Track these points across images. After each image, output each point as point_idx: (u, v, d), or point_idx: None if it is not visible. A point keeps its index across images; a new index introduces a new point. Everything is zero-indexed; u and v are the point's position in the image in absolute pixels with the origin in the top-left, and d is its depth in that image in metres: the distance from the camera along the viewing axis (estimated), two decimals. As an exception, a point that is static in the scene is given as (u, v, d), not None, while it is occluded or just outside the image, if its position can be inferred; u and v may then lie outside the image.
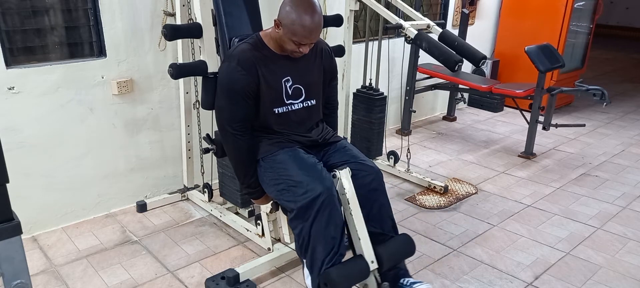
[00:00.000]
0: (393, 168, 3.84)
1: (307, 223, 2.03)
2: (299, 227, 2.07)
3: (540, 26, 5.22)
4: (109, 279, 2.56)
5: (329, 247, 2.04)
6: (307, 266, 2.12)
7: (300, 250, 2.13)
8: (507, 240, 2.99)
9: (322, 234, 2.03)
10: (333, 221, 2.04)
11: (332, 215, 2.03)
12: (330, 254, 2.04)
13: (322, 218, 2.02)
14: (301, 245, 2.10)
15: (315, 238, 2.04)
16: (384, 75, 4.02)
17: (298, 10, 1.99)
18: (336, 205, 2.06)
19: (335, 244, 2.05)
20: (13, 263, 1.08)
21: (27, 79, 2.70)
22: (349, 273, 2.06)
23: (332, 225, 2.04)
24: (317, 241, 2.04)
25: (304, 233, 2.05)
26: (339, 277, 2.01)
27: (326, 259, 2.03)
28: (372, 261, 2.10)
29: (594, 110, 5.80)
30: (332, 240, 2.05)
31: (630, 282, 2.61)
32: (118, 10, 2.91)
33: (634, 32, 11.49)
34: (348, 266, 2.08)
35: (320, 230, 2.02)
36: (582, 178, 3.92)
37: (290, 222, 2.14)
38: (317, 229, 2.02)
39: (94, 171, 3.08)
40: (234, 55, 2.12)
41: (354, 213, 2.11)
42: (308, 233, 2.04)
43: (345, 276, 2.03)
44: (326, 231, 2.03)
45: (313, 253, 2.06)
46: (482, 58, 2.96)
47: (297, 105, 2.22)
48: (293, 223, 2.10)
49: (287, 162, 2.14)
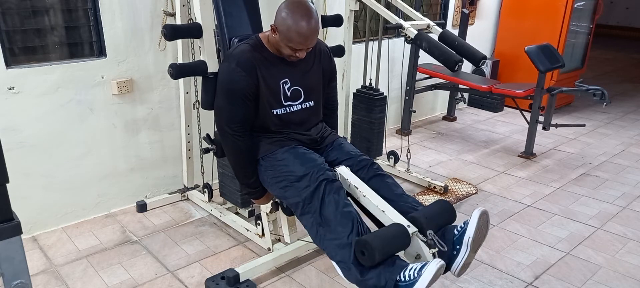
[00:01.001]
0: (393, 168, 3.83)
1: (316, 213, 1.95)
2: (311, 220, 1.97)
3: (540, 26, 5.22)
4: (109, 279, 2.56)
5: (349, 222, 1.87)
6: (331, 256, 1.93)
7: (321, 242, 1.95)
8: (507, 240, 2.99)
9: (334, 216, 1.90)
10: (342, 202, 1.93)
11: (339, 198, 1.94)
12: (353, 228, 1.85)
13: (330, 202, 1.93)
14: (321, 237, 1.94)
15: (330, 222, 1.90)
16: (384, 75, 4.02)
17: (294, 17, 1.99)
18: (341, 190, 1.98)
19: (353, 218, 1.88)
20: (13, 263, 1.08)
21: (27, 79, 2.70)
22: (386, 238, 1.78)
23: (343, 204, 1.92)
24: (334, 223, 1.89)
25: (317, 222, 1.95)
26: (376, 241, 1.74)
27: (351, 234, 1.84)
28: (408, 225, 1.86)
29: (594, 110, 5.80)
30: (349, 215, 1.89)
31: (630, 282, 2.61)
32: (118, 10, 2.91)
33: (634, 32, 11.48)
34: (383, 232, 1.82)
35: (331, 212, 1.91)
36: (582, 178, 3.92)
37: (301, 219, 2.05)
38: (329, 212, 1.92)
39: (94, 171, 3.08)
40: (233, 56, 2.12)
41: (367, 193, 2.00)
42: (320, 220, 1.93)
43: (383, 241, 1.76)
44: (337, 211, 1.90)
45: (335, 237, 1.87)
46: (482, 58, 2.96)
47: (296, 107, 2.22)
48: (304, 219, 2.02)
49: (287, 159, 2.14)
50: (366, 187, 2.06)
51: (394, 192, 2.10)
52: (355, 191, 2.06)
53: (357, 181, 2.08)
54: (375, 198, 2.02)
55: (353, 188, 2.07)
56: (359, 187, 2.05)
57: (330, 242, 1.90)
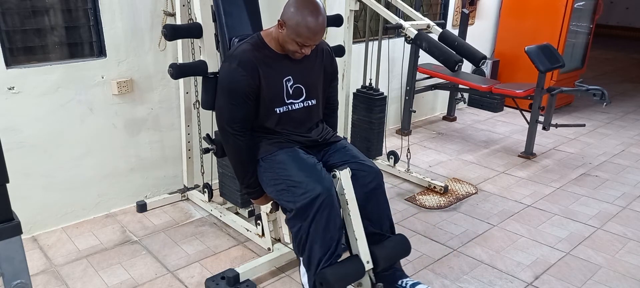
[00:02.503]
0: (393, 168, 3.84)
1: (305, 223, 2.04)
2: (297, 226, 2.07)
3: (540, 26, 5.22)
4: (109, 279, 2.56)
5: (326, 247, 2.06)
6: (304, 264, 2.13)
7: (297, 248, 2.14)
8: (507, 240, 2.99)
9: (320, 234, 2.04)
10: (332, 221, 2.05)
11: (331, 215, 2.04)
12: (328, 254, 2.06)
13: (321, 219, 2.02)
14: (299, 244, 2.10)
15: (313, 238, 2.04)
16: (384, 75, 4.02)
17: (303, 12, 1.99)
18: (335, 205, 2.06)
19: (332, 244, 2.07)
20: (13, 263, 1.08)
21: (27, 79, 2.70)
22: (345, 273, 2.08)
23: (331, 226, 2.05)
24: (315, 241, 2.04)
25: (302, 232, 2.06)
26: (334, 276, 2.02)
27: (323, 259, 2.05)
28: (367, 261, 2.12)
29: (594, 110, 5.80)
30: (330, 240, 2.06)
31: (630, 282, 2.61)
32: (118, 10, 2.91)
33: (634, 32, 11.49)
34: (344, 266, 2.10)
35: (318, 230, 2.03)
36: (582, 178, 3.92)
37: (288, 222, 2.14)
38: (316, 229, 2.03)
39: (94, 171, 3.08)
40: (234, 56, 2.12)
41: (353, 214, 2.12)
42: (306, 232, 2.05)
43: (340, 276, 2.05)
44: (324, 232, 2.04)
45: (310, 252, 2.07)
46: (482, 58, 2.96)
47: (298, 105, 2.22)
48: (291, 222, 2.11)
49: (286, 162, 2.14)
50: (354, 207, 2.13)
51: (379, 212, 2.24)
52: (345, 204, 2.12)
53: (351, 196, 2.13)
54: (357, 224, 2.14)
55: (344, 200, 2.12)
56: (349, 203, 2.12)
57: (306, 255, 2.09)
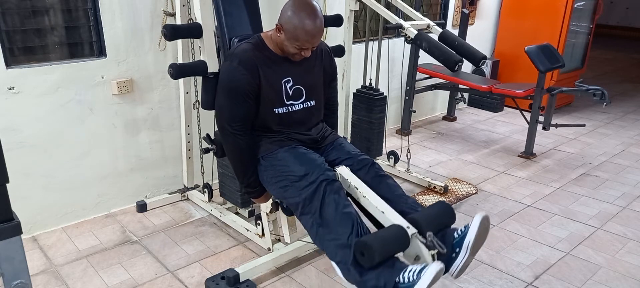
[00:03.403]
0: (393, 168, 3.83)
1: (316, 213, 1.95)
2: (310, 221, 1.97)
3: (540, 26, 5.22)
4: (109, 279, 2.56)
5: (349, 223, 1.87)
6: (330, 256, 1.94)
7: (321, 242, 1.95)
8: (507, 240, 2.99)
9: (334, 216, 1.90)
10: (342, 203, 1.93)
11: (339, 199, 1.94)
12: (353, 229, 1.85)
13: (330, 202, 1.92)
14: (320, 237, 1.94)
15: (330, 223, 1.90)
16: (384, 75, 4.02)
17: (300, 15, 1.99)
18: (341, 190, 1.98)
19: (353, 220, 1.88)
20: (13, 263, 1.08)
21: (27, 79, 2.70)
22: (386, 238, 1.78)
23: (343, 205, 1.92)
24: (334, 224, 1.89)
25: (317, 222, 1.94)
26: (376, 242, 1.74)
27: (351, 236, 1.84)
28: (408, 226, 1.84)
29: (594, 110, 5.80)
30: (349, 216, 1.89)
31: (630, 282, 2.61)
32: (118, 10, 2.91)
33: (634, 32, 11.49)
34: (382, 233, 1.82)
35: (331, 212, 1.91)
36: (582, 178, 3.92)
37: (300, 219, 2.05)
38: (329, 213, 1.92)
39: (94, 171, 3.08)
40: (235, 55, 2.12)
41: (366, 194, 2.00)
42: (320, 221, 1.93)
43: (382, 242, 1.76)
44: (337, 211, 1.90)
45: (335, 237, 1.87)
46: (482, 58, 2.96)
47: (298, 106, 2.22)
48: (303, 219, 2.02)
49: (287, 158, 2.14)
50: (366, 188, 2.05)
51: (394, 193, 2.10)
52: (355, 191, 2.06)
53: (357, 181, 2.07)
54: (375, 199, 2.00)
55: (353, 189, 2.06)
56: (359, 188, 2.05)
57: (330, 242, 1.90)
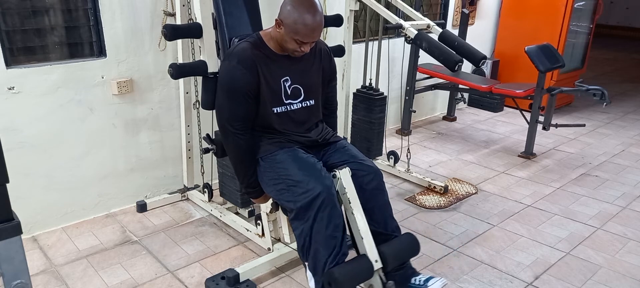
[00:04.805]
0: (393, 168, 3.84)
1: (307, 224, 2.03)
2: (300, 229, 2.06)
3: (540, 26, 5.22)
4: (109, 279, 2.56)
5: (331, 247, 2.03)
6: (309, 268, 2.12)
7: (301, 251, 2.11)
8: (507, 240, 2.99)
9: (323, 235, 2.02)
10: (333, 221, 2.03)
11: (333, 214, 2.03)
12: (333, 254, 2.03)
13: (323, 218, 2.01)
14: (302, 247, 2.09)
15: (316, 239, 2.03)
16: (384, 75, 4.02)
17: (300, 10, 1.99)
18: (336, 204, 2.06)
19: (336, 244, 2.04)
20: (13, 263, 1.08)
21: (27, 79, 2.70)
22: (353, 272, 2.03)
23: (333, 225, 2.03)
24: (319, 242, 2.03)
25: (305, 234, 2.05)
26: (343, 276, 1.98)
27: (329, 259, 2.02)
28: (376, 260, 2.07)
29: (594, 110, 5.80)
30: (334, 240, 2.03)
31: (630, 282, 2.61)
32: (118, 10, 2.91)
33: (634, 32, 11.49)
34: (351, 265, 2.05)
35: (321, 230, 2.02)
36: (582, 178, 3.92)
37: (291, 222, 2.13)
38: (318, 230, 2.02)
39: (94, 171, 3.08)
40: (234, 54, 2.12)
41: (356, 212, 2.10)
42: (309, 234, 2.04)
43: (349, 275, 2.00)
44: (327, 231, 2.02)
45: (315, 254, 2.05)
46: (482, 58, 2.96)
47: (296, 105, 2.22)
48: (294, 224, 2.10)
49: (286, 161, 2.14)
50: (358, 206, 2.12)
51: (383, 213, 2.21)
52: (347, 203, 2.11)
53: (353, 195, 2.12)
54: (361, 222, 2.11)
55: (346, 199, 2.11)
56: (352, 202, 2.11)
57: (311, 258, 2.08)
